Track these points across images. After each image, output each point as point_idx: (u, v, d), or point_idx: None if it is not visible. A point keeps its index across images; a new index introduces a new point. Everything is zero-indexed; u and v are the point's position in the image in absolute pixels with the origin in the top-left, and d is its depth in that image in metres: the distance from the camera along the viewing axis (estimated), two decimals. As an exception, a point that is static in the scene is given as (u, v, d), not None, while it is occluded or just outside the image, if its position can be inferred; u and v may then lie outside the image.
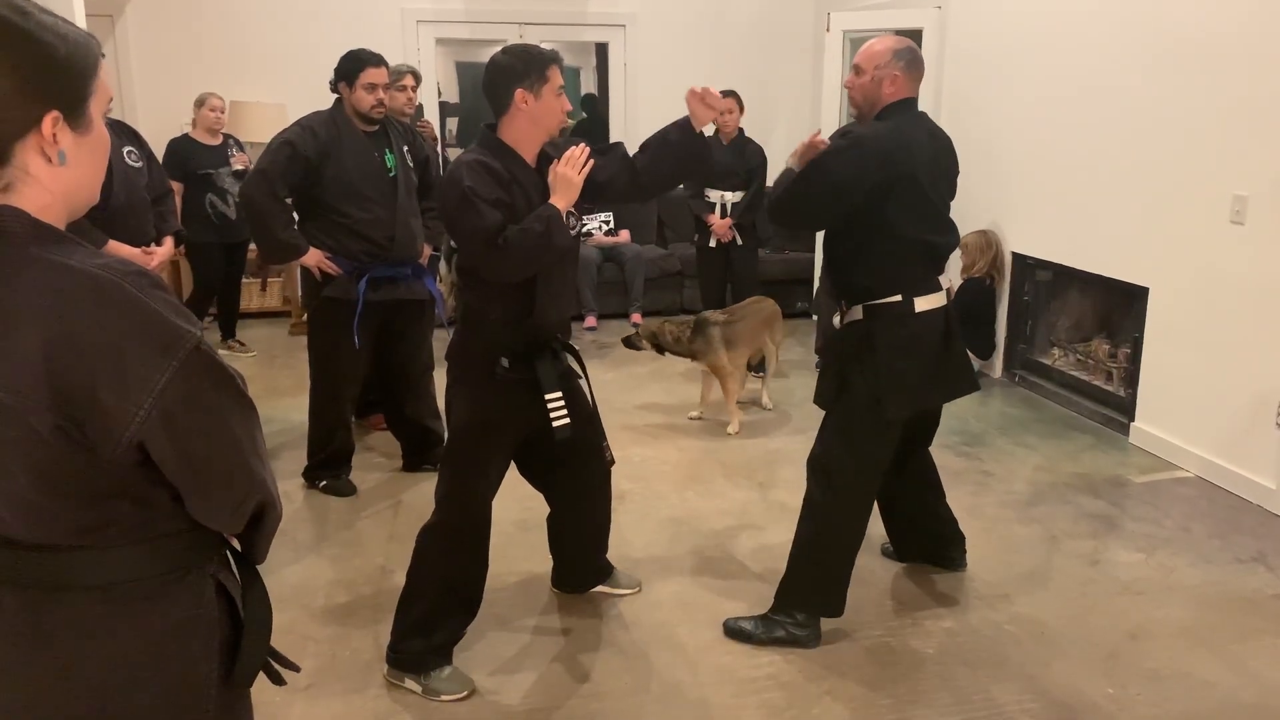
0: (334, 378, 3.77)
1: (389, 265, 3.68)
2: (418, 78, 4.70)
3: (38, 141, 1.03)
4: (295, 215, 3.73)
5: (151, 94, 6.46)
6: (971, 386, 2.93)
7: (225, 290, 5.88)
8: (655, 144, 2.60)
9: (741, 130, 5.50)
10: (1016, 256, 5.41)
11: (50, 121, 1.03)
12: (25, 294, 0.99)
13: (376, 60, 3.58)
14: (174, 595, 1.14)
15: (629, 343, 4.80)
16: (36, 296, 0.99)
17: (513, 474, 2.70)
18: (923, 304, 2.73)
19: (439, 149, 6.11)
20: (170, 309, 1.04)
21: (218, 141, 5.63)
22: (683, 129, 2.57)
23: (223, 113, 5.65)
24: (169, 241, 4.00)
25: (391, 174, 3.67)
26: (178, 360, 1.03)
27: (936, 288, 2.79)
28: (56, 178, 1.06)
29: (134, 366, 1.01)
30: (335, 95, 3.64)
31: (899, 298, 2.72)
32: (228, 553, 1.23)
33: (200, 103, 5.59)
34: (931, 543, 3.25)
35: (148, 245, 3.78)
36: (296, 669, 1.33)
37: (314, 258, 3.60)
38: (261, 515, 1.20)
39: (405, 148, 3.77)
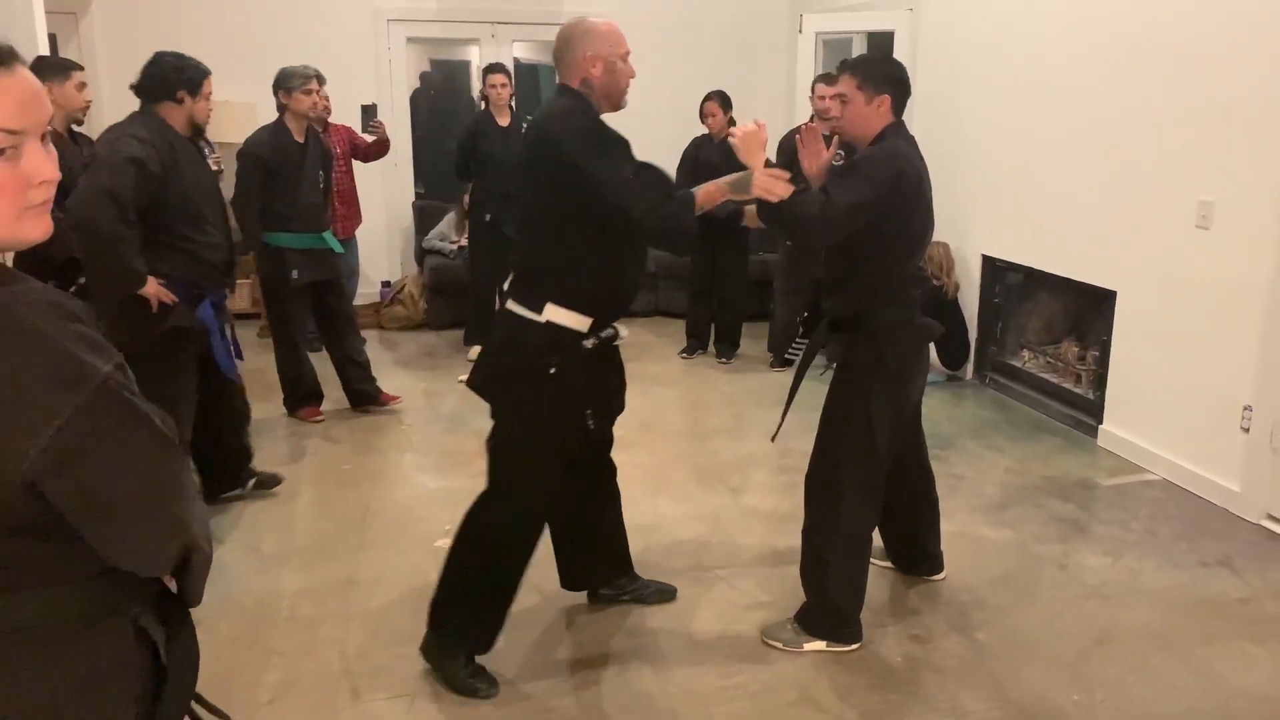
0: (188, 411, 3.45)
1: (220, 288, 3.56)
2: (322, 80, 4.68)
3: None
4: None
5: (118, 93, 6.35)
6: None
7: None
8: None
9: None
10: (986, 259, 5.44)
11: None
12: None
13: (205, 72, 3.49)
14: (91, 641, 1.10)
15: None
16: None
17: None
18: None
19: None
20: (82, 343, 1.00)
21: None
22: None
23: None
24: None
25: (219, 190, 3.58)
26: (81, 398, 0.99)
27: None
28: None
29: (29, 403, 0.97)
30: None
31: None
32: (161, 593, 1.19)
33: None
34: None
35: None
36: (228, 719, 1.29)
37: (153, 286, 3.26)
38: (187, 559, 1.15)
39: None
